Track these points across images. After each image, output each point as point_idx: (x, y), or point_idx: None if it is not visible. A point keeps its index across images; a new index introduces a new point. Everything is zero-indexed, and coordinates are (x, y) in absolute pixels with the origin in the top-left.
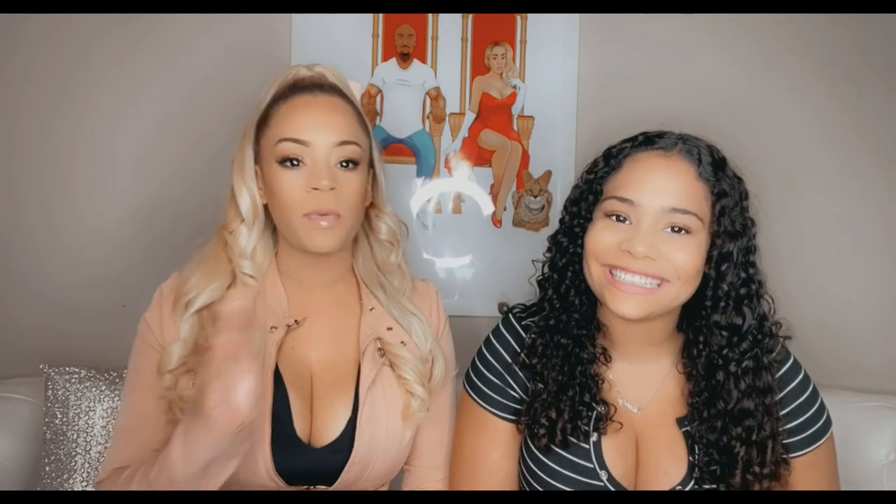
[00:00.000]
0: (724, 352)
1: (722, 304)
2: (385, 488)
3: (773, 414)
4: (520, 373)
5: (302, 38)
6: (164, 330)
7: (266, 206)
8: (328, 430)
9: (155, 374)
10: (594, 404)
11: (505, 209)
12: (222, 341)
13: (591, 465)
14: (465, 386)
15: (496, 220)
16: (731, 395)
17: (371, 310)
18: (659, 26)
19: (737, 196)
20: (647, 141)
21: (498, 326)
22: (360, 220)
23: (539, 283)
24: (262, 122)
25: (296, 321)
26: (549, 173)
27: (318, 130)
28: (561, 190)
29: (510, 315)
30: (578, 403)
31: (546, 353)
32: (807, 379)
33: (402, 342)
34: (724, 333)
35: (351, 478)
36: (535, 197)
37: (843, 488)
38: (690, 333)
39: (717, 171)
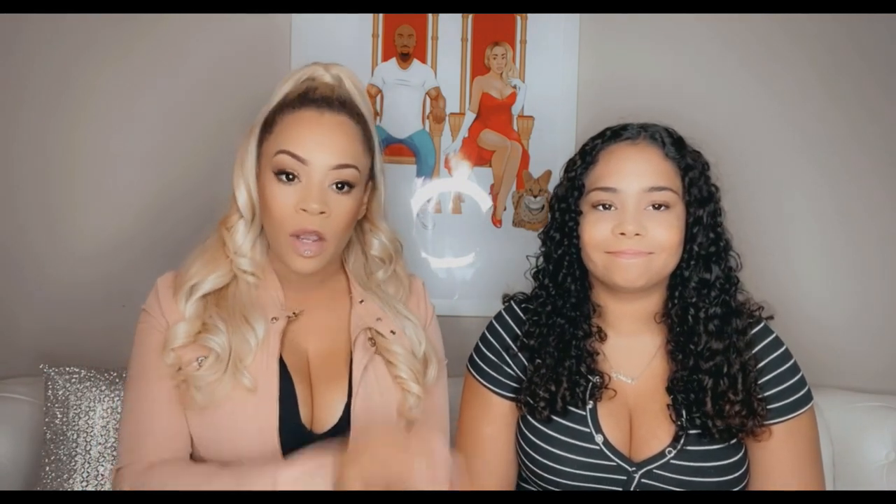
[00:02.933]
0: (695, 300)
1: (693, 262)
2: None
3: (742, 353)
4: (519, 354)
5: (302, 38)
6: (167, 312)
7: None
8: (327, 417)
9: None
10: (590, 376)
11: (505, 209)
12: None
13: (587, 430)
14: (468, 366)
15: (496, 220)
16: (701, 338)
17: (361, 302)
18: (659, 26)
19: (700, 167)
20: (615, 134)
21: (500, 312)
22: (346, 239)
23: (534, 275)
24: (268, 126)
25: (294, 313)
26: (549, 173)
27: (318, 150)
28: None
29: (511, 301)
30: (575, 373)
31: (543, 332)
32: (787, 354)
33: (391, 331)
34: (695, 286)
35: None
36: (535, 197)
37: (843, 488)
38: (667, 289)
39: (679, 148)
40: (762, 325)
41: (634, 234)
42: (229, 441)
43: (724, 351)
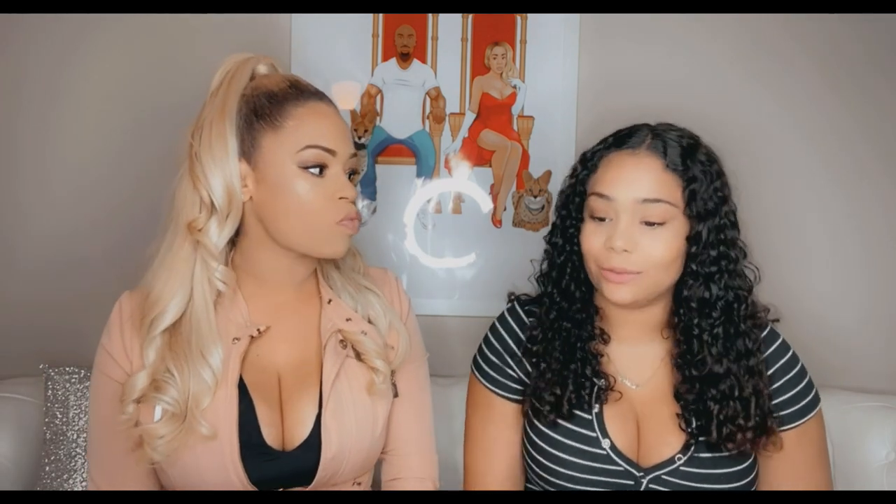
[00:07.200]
0: (696, 321)
1: (690, 281)
2: (367, 476)
3: (755, 374)
4: (523, 359)
5: (302, 38)
6: (131, 354)
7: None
8: (298, 432)
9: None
10: (595, 378)
11: (505, 209)
12: None
13: (594, 434)
14: (472, 367)
15: (496, 220)
16: (705, 361)
17: (329, 302)
18: (659, 26)
19: (708, 178)
20: (617, 142)
21: (503, 313)
22: None
23: (538, 280)
24: (263, 117)
25: (258, 331)
26: (549, 173)
27: (341, 140)
28: None
29: (515, 303)
30: (581, 376)
31: (547, 337)
32: (795, 358)
33: (362, 332)
34: (694, 306)
35: (327, 475)
36: (535, 197)
37: (843, 488)
38: (671, 306)
39: (685, 158)
40: (768, 328)
41: (623, 250)
42: (194, 470)
43: (733, 374)
